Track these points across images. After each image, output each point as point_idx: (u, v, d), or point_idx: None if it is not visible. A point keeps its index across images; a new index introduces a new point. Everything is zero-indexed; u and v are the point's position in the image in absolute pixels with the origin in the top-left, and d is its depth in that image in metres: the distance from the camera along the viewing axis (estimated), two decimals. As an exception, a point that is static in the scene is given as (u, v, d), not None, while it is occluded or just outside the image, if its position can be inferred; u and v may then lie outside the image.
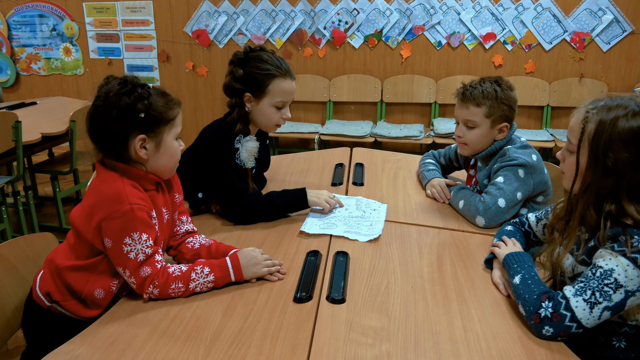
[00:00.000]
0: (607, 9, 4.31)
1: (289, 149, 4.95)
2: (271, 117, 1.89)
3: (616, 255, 1.20)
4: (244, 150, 1.88)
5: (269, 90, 1.84)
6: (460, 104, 1.95)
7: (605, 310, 1.19)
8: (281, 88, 1.86)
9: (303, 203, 1.87)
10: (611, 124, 1.23)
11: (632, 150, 1.21)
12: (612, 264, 1.20)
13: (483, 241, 1.73)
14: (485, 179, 1.96)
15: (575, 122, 1.31)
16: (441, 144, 4.20)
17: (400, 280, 1.47)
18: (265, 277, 1.48)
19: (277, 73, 1.84)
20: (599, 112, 1.26)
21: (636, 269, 1.18)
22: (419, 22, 4.60)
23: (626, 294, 1.19)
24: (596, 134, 1.25)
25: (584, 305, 1.19)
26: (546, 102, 4.54)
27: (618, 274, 1.19)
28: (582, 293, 1.21)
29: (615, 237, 1.22)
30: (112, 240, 1.34)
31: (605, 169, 1.24)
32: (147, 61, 5.08)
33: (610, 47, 4.40)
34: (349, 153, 2.63)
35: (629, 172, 1.22)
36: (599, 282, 1.20)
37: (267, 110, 1.87)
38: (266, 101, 1.86)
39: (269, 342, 1.21)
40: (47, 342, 1.29)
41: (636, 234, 1.20)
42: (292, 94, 1.90)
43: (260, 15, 4.78)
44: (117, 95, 1.35)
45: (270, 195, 1.86)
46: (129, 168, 1.40)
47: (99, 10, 5.02)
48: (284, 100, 1.88)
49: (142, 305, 1.38)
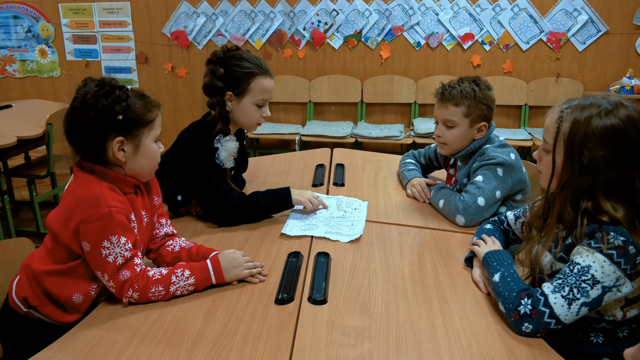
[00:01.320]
0: (582, 9, 4.38)
1: (269, 150, 4.93)
2: (252, 115, 1.89)
3: (593, 251, 1.22)
4: (224, 150, 1.87)
5: (250, 88, 1.85)
6: (439, 104, 1.96)
7: (583, 306, 1.21)
8: (262, 86, 1.87)
9: (287, 202, 1.86)
10: (585, 123, 1.25)
11: (607, 148, 1.23)
12: (589, 261, 1.22)
13: (463, 240, 1.74)
14: (465, 178, 1.97)
15: (550, 122, 1.33)
16: (421, 143, 4.23)
17: (381, 280, 1.48)
18: (247, 279, 1.47)
19: (258, 71, 1.86)
20: (573, 111, 1.28)
21: (612, 265, 1.20)
22: (398, 23, 4.62)
23: (603, 290, 1.21)
24: (571, 132, 1.27)
25: (563, 302, 1.21)
26: (524, 101, 4.60)
27: (595, 270, 1.20)
28: (561, 290, 1.22)
29: (591, 234, 1.24)
30: (90, 243, 1.32)
31: (581, 167, 1.25)
32: (125, 63, 5.03)
33: (585, 47, 4.47)
34: (330, 154, 2.63)
35: (604, 169, 1.24)
36: (577, 279, 1.21)
37: (248, 108, 1.87)
38: (248, 99, 1.86)
39: (251, 345, 1.21)
40: (24, 349, 1.27)
41: (612, 230, 1.22)
42: (272, 92, 1.91)
43: (239, 16, 4.76)
44: (94, 97, 1.34)
45: (255, 195, 1.85)
46: (107, 171, 1.38)
47: (75, 11, 4.95)
48: (265, 98, 1.89)
49: (121, 310, 1.36)
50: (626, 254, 1.20)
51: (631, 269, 1.21)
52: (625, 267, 1.20)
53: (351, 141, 4.35)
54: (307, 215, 1.89)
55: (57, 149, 3.52)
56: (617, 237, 1.21)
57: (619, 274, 1.20)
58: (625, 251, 1.20)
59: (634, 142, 1.23)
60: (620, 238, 1.20)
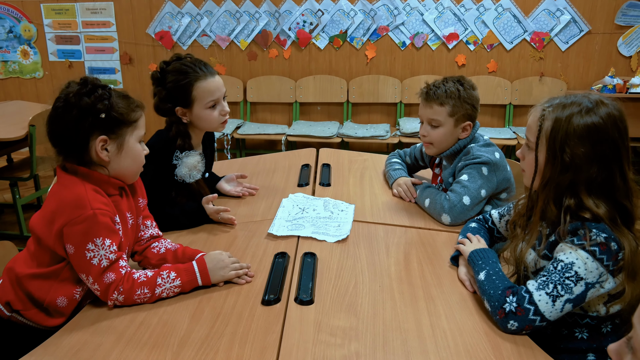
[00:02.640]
0: (565, 9, 4.42)
1: (255, 150, 4.92)
2: (210, 118, 1.87)
3: (576, 248, 1.23)
4: (184, 166, 1.86)
5: (194, 96, 1.82)
6: (424, 104, 1.97)
7: (567, 302, 1.22)
8: (205, 89, 1.84)
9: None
10: (566, 121, 1.27)
11: (588, 146, 1.25)
12: (572, 258, 1.23)
13: (449, 239, 1.75)
14: (450, 177, 1.98)
15: (533, 120, 1.35)
16: (407, 143, 4.24)
17: (368, 280, 1.48)
18: (233, 281, 1.46)
19: (195, 77, 1.82)
20: (554, 109, 1.30)
21: (595, 261, 1.21)
22: (383, 23, 4.64)
23: (586, 286, 1.22)
24: (553, 130, 1.28)
25: (547, 299, 1.22)
26: (508, 100, 4.63)
27: (578, 267, 1.22)
28: (545, 287, 1.23)
29: (574, 231, 1.26)
30: (75, 246, 1.31)
31: (563, 165, 1.27)
32: (109, 63, 4.99)
33: (568, 46, 4.52)
34: (316, 154, 2.63)
35: (585, 167, 1.25)
36: (561, 276, 1.23)
37: (202, 113, 1.85)
38: (198, 107, 1.84)
39: (237, 346, 1.20)
40: (8, 353, 1.25)
41: (594, 227, 1.24)
42: (219, 90, 1.87)
43: (224, 16, 4.74)
44: (76, 95, 1.33)
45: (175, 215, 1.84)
46: (90, 172, 1.37)
47: (57, 11, 4.90)
48: (213, 98, 1.85)
49: (106, 313, 1.35)
50: (608, 251, 1.21)
51: (613, 265, 1.22)
52: (608, 263, 1.22)
53: (337, 141, 4.35)
54: (294, 215, 1.88)
55: (40, 151, 3.48)
56: (600, 234, 1.22)
57: (602, 270, 1.22)
58: (607, 248, 1.21)
59: (614, 139, 1.25)
60: (603, 235, 1.22)
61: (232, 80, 4.82)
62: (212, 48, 4.83)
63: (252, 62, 4.83)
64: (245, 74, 4.85)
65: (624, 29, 4.44)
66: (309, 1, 4.63)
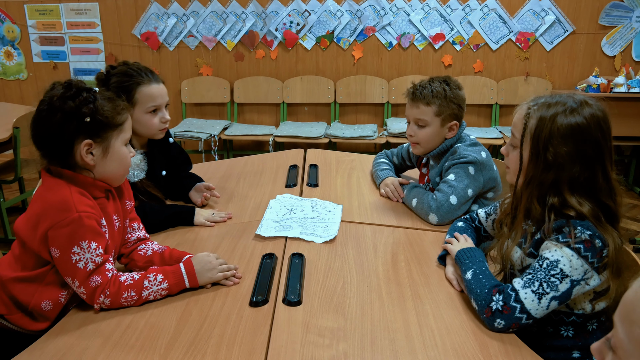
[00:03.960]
0: (550, 9, 4.46)
1: (242, 151, 4.91)
2: (149, 123, 1.86)
3: (561, 246, 1.25)
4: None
5: (136, 99, 1.82)
6: (411, 104, 1.98)
7: (552, 300, 1.23)
8: (148, 93, 1.83)
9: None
10: (551, 120, 1.28)
11: (571, 145, 1.26)
12: (557, 255, 1.24)
13: (436, 238, 1.76)
14: (437, 176, 1.99)
15: (518, 118, 1.37)
16: (395, 143, 4.25)
17: (356, 280, 1.48)
18: (221, 282, 1.46)
19: (139, 81, 1.82)
20: (539, 108, 1.32)
21: (580, 258, 1.23)
22: (369, 23, 4.64)
23: (572, 284, 1.23)
24: (537, 129, 1.30)
25: (533, 297, 1.23)
26: (494, 100, 4.67)
27: (563, 264, 1.23)
28: (531, 285, 1.25)
29: (559, 228, 1.27)
30: (60, 249, 1.29)
31: (546, 163, 1.28)
32: (94, 65, 4.95)
33: (553, 46, 4.56)
34: (303, 154, 2.63)
35: (568, 166, 1.27)
36: (546, 273, 1.24)
37: (142, 118, 1.84)
38: (138, 110, 1.83)
39: (225, 348, 1.20)
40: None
41: (579, 225, 1.25)
42: (162, 97, 1.88)
43: (210, 17, 4.73)
44: (61, 98, 1.31)
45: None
46: (75, 175, 1.36)
47: (41, 12, 4.85)
48: (155, 104, 1.86)
49: (93, 316, 1.34)
50: (593, 248, 1.23)
51: (598, 262, 1.24)
52: (593, 260, 1.23)
53: (325, 141, 4.35)
54: (282, 215, 1.88)
55: (25, 153, 3.44)
56: (584, 231, 1.24)
57: (587, 268, 1.23)
58: (592, 245, 1.23)
59: (597, 140, 1.27)
60: (587, 232, 1.23)
61: (219, 81, 4.80)
62: (199, 49, 4.81)
63: (239, 63, 4.82)
64: (232, 74, 4.84)
65: (607, 29, 4.49)
66: (296, 2, 4.63)
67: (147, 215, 1.74)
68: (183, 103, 4.85)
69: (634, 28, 4.46)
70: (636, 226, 3.76)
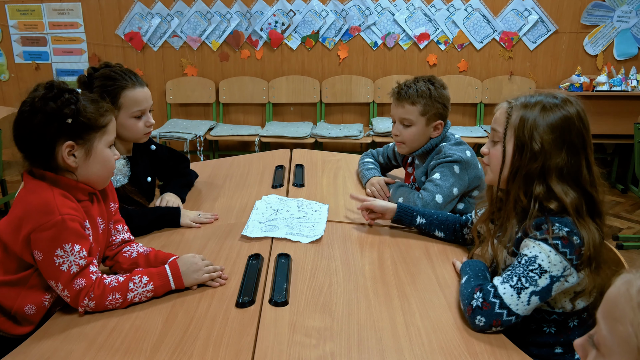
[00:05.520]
0: (532, 9, 4.50)
1: (228, 152, 4.89)
2: (134, 128, 1.85)
3: (539, 242, 1.26)
4: None
5: (121, 103, 1.80)
6: (396, 103, 1.99)
7: (532, 295, 1.24)
8: (133, 98, 1.82)
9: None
10: (535, 112, 1.32)
11: (557, 133, 1.29)
12: (535, 251, 1.26)
13: (422, 237, 1.77)
14: (423, 175, 2.00)
15: (501, 113, 1.39)
16: (381, 142, 4.26)
17: (342, 280, 1.49)
18: (207, 283, 1.45)
19: (124, 85, 1.80)
20: (522, 104, 1.35)
21: (558, 254, 1.24)
22: (354, 23, 4.65)
23: (551, 279, 1.25)
24: (521, 121, 1.32)
25: (512, 291, 1.25)
26: (479, 99, 4.70)
27: (541, 260, 1.25)
28: (509, 280, 1.26)
29: (538, 225, 1.29)
30: (43, 252, 1.28)
31: (532, 152, 1.30)
32: (77, 65, 4.90)
33: (536, 45, 4.60)
34: (289, 154, 2.63)
35: (555, 152, 1.29)
36: (524, 269, 1.25)
37: (127, 122, 1.83)
38: (123, 114, 1.81)
39: (212, 350, 1.19)
40: (-26, 364, 1.22)
41: (557, 221, 1.27)
42: (146, 101, 1.87)
43: (195, 17, 4.70)
44: (42, 99, 1.30)
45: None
46: (58, 177, 1.34)
47: (23, 12, 4.79)
48: (140, 108, 1.84)
49: (77, 319, 1.32)
50: (571, 244, 1.24)
51: (577, 260, 1.25)
52: (571, 257, 1.24)
53: (311, 141, 4.35)
54: (268, 216, 1.88)
55: (7, 155, 3.40)
56: (562, 227, 1.25)
57: (566, 264, 1.25)
58: (569, 241, 1.24)
59: (580, 130, 1.29)
60: (565, 229, 1.25)
61: (204, 82, 4.78)
62: (183, 49, 4.78)
63: (224, 63, 4.80)
64: (217, 75, 4.82)
65: (589, 28, 4.54)
66: (281, 1, 4.63)
67: (132, 218, 1.72)
68: (168, 104, 4.82)
69: (615, 27, 4.51)
70: (619, 223, 3.81)
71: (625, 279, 0.68)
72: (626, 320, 0.65)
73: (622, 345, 0.66)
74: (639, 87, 4.13)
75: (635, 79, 4.15)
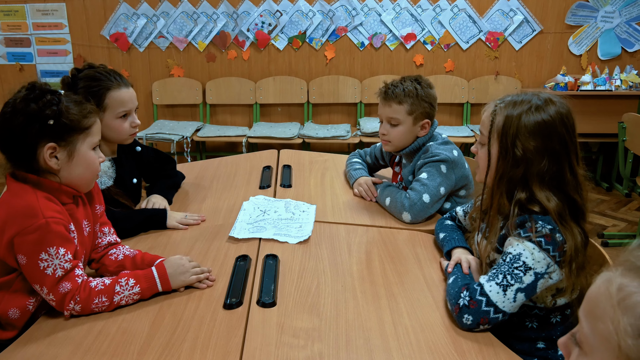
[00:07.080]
0: (518, 9, 4.53)
1: (216, 153, 4.87)
2: (120, 128, 1.83)
3: (522, 240, 1.27)
4: None
5: (106, 104, 1.79)
6: (383, 103, 1.99)
7: (518, 292, 1.26)
8: (118, 98, 1.81)
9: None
10: (517, 117, 1.32)
11: (538, 140, 1.30)
12: (519, 249, 1.27)
13: (410, 237, 1.77)
14: (410, 175, 2.01)
15: (486, 116, 1.40)
16: (368, 142, 4.27)
17: (330, 280, 1.48)
18: (194, 285, 1.44)
19: (108, 85, 1.79)
20: (506, 106, 1.35)
21: (542, 251, 1.25)
22: (341, 24, 4.66)
23: (536, 276, 1.26)
24: (504, 127, 1.33)
25: (497, 289, 1.26)
26: (465, 99, 4.72)
27: (526, 257, 1.26)
28: (495, 278, 1.27)
29: (522, 224, 1.30)
30: (27, 256, 1.26)
31: (515, 159, 1.31)
32: (62, 66, 4.85)
33: (522, 45, 4.63)
34: (277, 155, 2.62)
35: (536, 160, 1.30)
36: (509, 267, 1.27)
37: (112, 123, 1.81)
38: (108, 115, 1.80)
39: (199, 352, 1.19)
40: (-43, 369, 1.20)
41: (540, 219, 1.28)
42: (132, 101, 1.85)
43: (181, 17, 4.68)
44: (23, 101, 1.29)
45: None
46: (41, 180, 1.33)
47: (6, 13, 4.73)
48: (126, 109, 1.83)
49: (63, 323, 1.31)
50: (554, 242, 1.26)
51: (560, 257, 1.26)
52: (554, 254, 1.26)
53: (298, 142, 4.35)
54: (255, 217, 1.87)
55: (-9, 158, 3.35)
56: (545, 225, 1.27)
57: (549, 261, 1.26)
58: (552, 239, 1.26)
59: (562, 135, 1.30)
60: (548, 227, 1.26)
61: (191, 83, 4.76)
62: (170, 50, 4.75)
63: (211, 64, 4.78)
64: (204, 75, 4.79)
65: (574, 28, 4.58)
66: (267, 2, 4.62)
67: (118, 220, 1.70)
68: (154, 105, 4.79)
69: (599, 27, 4.56)
70: (604, 220, 3.85)
71: (605, 278, 0.69)
72: (607, 318, 0.66)
73: (603, 343, 0.66)
74: (622, 86, 4.17)
75: (619, 79, 4.20)
